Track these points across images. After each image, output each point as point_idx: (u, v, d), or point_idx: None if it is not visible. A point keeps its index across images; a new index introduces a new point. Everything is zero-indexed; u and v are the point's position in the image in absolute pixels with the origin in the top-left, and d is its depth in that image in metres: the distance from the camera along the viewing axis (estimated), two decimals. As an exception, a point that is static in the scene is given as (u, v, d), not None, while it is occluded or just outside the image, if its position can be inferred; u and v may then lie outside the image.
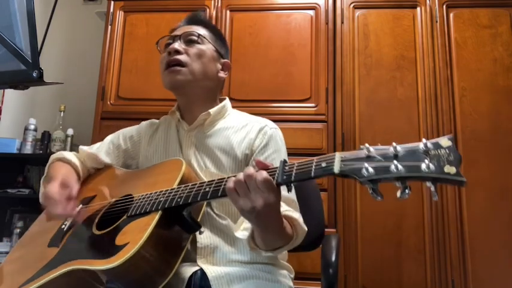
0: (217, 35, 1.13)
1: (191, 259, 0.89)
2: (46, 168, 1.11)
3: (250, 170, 0.71)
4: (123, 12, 2.31)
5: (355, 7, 2.15)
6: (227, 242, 0.93)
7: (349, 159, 0.64)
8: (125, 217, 0.83)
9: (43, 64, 0.68)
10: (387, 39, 2.09)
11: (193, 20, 1.12)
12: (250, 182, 0.70)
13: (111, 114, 2.16)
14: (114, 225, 0.82)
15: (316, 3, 2.18)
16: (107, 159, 1.12)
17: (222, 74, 1.10)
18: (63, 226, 0.95)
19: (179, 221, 0.80)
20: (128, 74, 2.22)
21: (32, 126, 2.48)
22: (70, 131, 2.45)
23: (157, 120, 1.18)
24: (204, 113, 1.04)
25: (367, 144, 0.64)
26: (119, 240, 0.77)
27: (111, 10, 2.31)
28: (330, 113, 2.02)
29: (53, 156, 1.13)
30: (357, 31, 2.12)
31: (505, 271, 1.80)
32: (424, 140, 0.60)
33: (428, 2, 2.12)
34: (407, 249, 1.85)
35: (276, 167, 0.72)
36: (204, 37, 1.07)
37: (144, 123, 1.18)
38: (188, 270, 0.86)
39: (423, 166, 0.57)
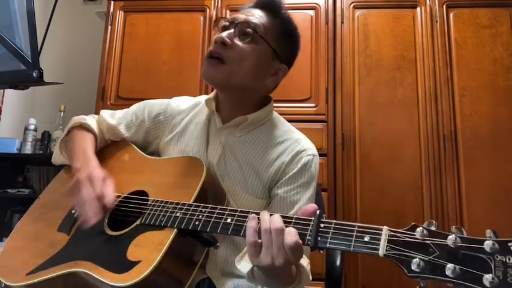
0: (286, 32, 0.94)
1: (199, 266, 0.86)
2: (66, 129, 1.06)
3: (278, 222, 0.63)
4: (123, 12, 2.31)
5: (355, 7, 2.15)
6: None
7: (398, 242, 0.55)
8: (138, 222, 0.81)
9: (43, 64, 0.68)
10: (387, 39, 2.09)
11: (264, 5, 0.94)
12: (276, 239, 0.62)
13: (111, 114, 2.16)
14: (127, 230, 0.80)
15: (316, 3, 2.18)
16: (126, 134, 1.05)
17: (270, 80, 0.94)
18: (74, 211, 0.91)
19: (195, 237, 0.76)
20: (127, 74, 2.22)
21: (32, 126, 2.49)
22: (70, 131, 2.45)
23: (190, 100, 1.08)
24: (242, 117, 0.93)
25: (421, 226, 0.56)
26: (131, 253, 0.75)
27: (111, 10, 2.31)
28: (330, 113, 2.02)
29: (75, 119, 1.06)
30: (357, 31, 2.12)
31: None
32: (491, 238, 0.52)
33: (428, 2, 2.12)
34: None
35: (310, 220, 0.63)
36: (263, 33, 0.89)
37: (174, 101, 1.07)
38: (196, 277, 0.83)
39: (485, 278, 0.48)
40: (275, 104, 0.99)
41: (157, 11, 2.29)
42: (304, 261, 0.82)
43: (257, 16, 0.91)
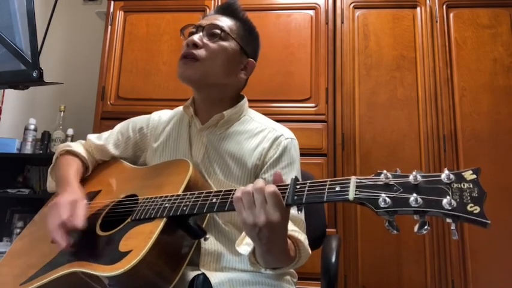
0: (248, 30, 1.03)
1: (193, 263, 0.87)
2: (54, 158, 1.08)
3: (260, 182, 0.68)
4: (123, 12, 2.31)
5: (355, 7, 2.15)
6: (232, 250, 0.90)
7: (366, 186, 0.60)
8: (129, 220, 0.82)
9: (43, 64, 0.68)
10: (387, 39, 2.09)
11: (224, 10, 1.03)
12: (257, 196, 0.67)
13: (111, 114, 2.16)
14: (118, 228, 0.82)
15: (316, 3, 2.18)
16: (115, 152, 1.09)
17: (242, 75, 1.02)
18: None
19: (184, 227, 0.78)
20: (128, 74, 2.22)
21: (32, 126, 2.49)
22: (70, 131, 2.45)
23: (170, 111, 1.13)
24: (218, 114, 0.99)
25: (385, 171, 0.61)
26: (123, 245, 0.76)
27: (111, 10, 2.31)
28: (330, 113, 2.02)
29: (60, 147, 1.09)
30: (357, 31, 2.12)
31: (505, 271, 1.80)
32: (446, 171, 0.57)
33: (428, 2, 2.12)
34: (407, 249, 1.85)
35: (287, 185, 0.69)
36: (229, 33, 0.98)
37: (155, 114, 1.13)
38: (190, 274, 0.85)
39: (444, 202, 0.54)
40: (275, 104, 1.00)
41: (157, 11, 2.29)
42: (301, 236, 0.86)
43: (220, 19, 1.00)
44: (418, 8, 2.12)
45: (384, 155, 1.96)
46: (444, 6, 2.10)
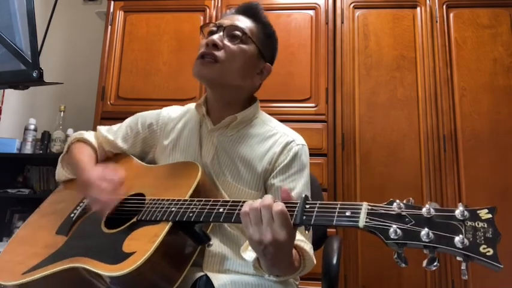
0: (267, 34, 1.03)
1: (196, 263, 0.87)
2: (66, 146, 1.10)
3: (268, 199, 0.66)
4: (123, 12, 2.31)
5: (355, 7, 2.15)
6: (236, 253, 0.90)
7: (377, 214, 0.59)
8: (134, 219, 0.82)
9: (43, 64, 0.68)
10: (387, 39, 2.09)
11: (246, 11, 1.02)
12: (265, 213, 0.65)
13: (111, 114, 2.16)
14: (123, 227, 0.82)
15: (316, 3, 2.18)
16: (124, 146, 1.08)
17: (257, 79, 1.02)
18: (72, 215, 0.94)
19: (189, 232, 0.78)
20: (128, 74, 2.22)
21: (32, 126, 2.49)
22: (70, 131, 2.45)
23: (180, 108, 1.12)
24: (231, 116, 0.98)
25: (398, 200, 0.59)
26: (127, 246, 0.76)
27: (111, 10, 2.31)
28: (330, 113, 2.02)
29: (74, 135, 1.11)
30: (357, 31, 2.12)
31: (505, 271, 1.80)
32: (461, 207, 0.55)
33: (428, 2, 2.12)
34: (407, 249, 1.85)
35: (296, 203, 0.67)
36: (250, 35, 0.97)
37: (165, 110, 1.12)
38: (193, 275, 0.85)
39: (457, 239, 0.52)
40: (275, 104, 1.00)
41: (157, 11, 2.29)
42: (307, 246, 0.86)
43: (241, 20, 0.99)
44: (418, 8, 2.12)
45: (383, 155, 1.96)
46: (444, 6, 2.10)
